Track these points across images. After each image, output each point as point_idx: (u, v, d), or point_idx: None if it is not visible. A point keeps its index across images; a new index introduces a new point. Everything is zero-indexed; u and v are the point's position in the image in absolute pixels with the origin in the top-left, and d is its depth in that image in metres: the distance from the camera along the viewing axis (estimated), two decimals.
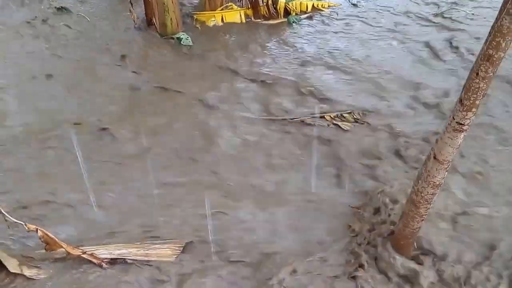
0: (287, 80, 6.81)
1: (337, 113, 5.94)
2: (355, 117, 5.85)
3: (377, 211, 4.37)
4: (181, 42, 7.54)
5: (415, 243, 3.83)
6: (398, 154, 5.19)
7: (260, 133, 5.71)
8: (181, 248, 3.98)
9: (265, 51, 7.60)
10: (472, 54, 7.32)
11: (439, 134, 3.08)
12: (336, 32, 8.35)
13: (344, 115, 5.88)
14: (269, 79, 6.81)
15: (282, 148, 5.48)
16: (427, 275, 3.69)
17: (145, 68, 6.95)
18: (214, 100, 6.29)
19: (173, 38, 7.64)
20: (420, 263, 3.78)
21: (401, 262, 3.76)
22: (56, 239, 3.72)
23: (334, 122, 5.78)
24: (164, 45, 7.48)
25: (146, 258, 3.87)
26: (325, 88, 6.58)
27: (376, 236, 4.04)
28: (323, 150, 5.43)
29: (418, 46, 7.79)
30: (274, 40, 7.97)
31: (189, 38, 7.57)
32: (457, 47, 7.66)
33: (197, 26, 8.21)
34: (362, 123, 5.77)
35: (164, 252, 3.92)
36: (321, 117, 5.91)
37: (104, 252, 3.86)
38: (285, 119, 5.92)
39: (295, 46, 7.79)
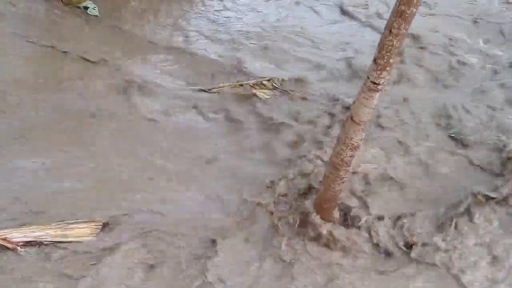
0: (203, 50, 6.64)
1: (256, 80, 5.87)
2: (274, 84, 5.81)
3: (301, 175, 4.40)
4: (88, 12, 7.13)
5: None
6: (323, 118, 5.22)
7: (180, 103, 5.57)
8: (100, 227, 3.83)
9: (180, 18, 7.33)
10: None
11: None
12: None
13: (264, 82, 5.82)
14: (186, 49, 6.62)
15: (203, 116, 5.41)
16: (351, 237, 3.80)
17: (48, 40, 6.51)
18: (131, 71, 6.01)
19: (79, 7, 7.19)
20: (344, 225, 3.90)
21: (324, 226, 3.81)
22: None
23: (253, 89, 5.72)
24: (70, 15, 7.04)
25: (64, 239, 3.69)
26: (244, 56, 6.50)
27: (298, 201, 4.07)
28: (244, 118, 5.38)
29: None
30: (189, 4, 7.69)
31: (96, 8, 7.14)
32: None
33: None
34: (282, 90, 5.73)
35: (82, 231, 3.76)
36: (240, 85, 5.82)
37: (18, 235, 3.65)
38: (203, 90, 5.79)
39: (212, 13, 7.56)
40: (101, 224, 3.86)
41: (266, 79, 5.88)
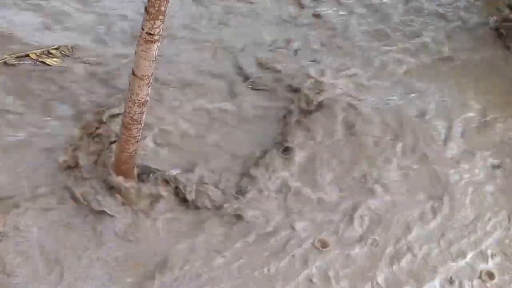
0: None
1: (43, 49, 5.50)
2: (63, 52, 5.51)
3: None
4: None
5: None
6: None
7: None
8: None
9: None
10: None
11: None
12: None
13: (51, 51, 5.48)
14: None
15: None
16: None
17: None
18: None
19: None
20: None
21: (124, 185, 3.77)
22: None
23: (41, 59, 5.36)
24: None
25: None
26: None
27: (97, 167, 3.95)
28: (36, 88, 5.00)
29: None
30: None
31: None
32: None
33: None
34: (73, 58, 5.45)
35: None
36: (26, 55, 5.41)
37: None
38: None
39: None
40: None
41: (53, 47, 5.54)
